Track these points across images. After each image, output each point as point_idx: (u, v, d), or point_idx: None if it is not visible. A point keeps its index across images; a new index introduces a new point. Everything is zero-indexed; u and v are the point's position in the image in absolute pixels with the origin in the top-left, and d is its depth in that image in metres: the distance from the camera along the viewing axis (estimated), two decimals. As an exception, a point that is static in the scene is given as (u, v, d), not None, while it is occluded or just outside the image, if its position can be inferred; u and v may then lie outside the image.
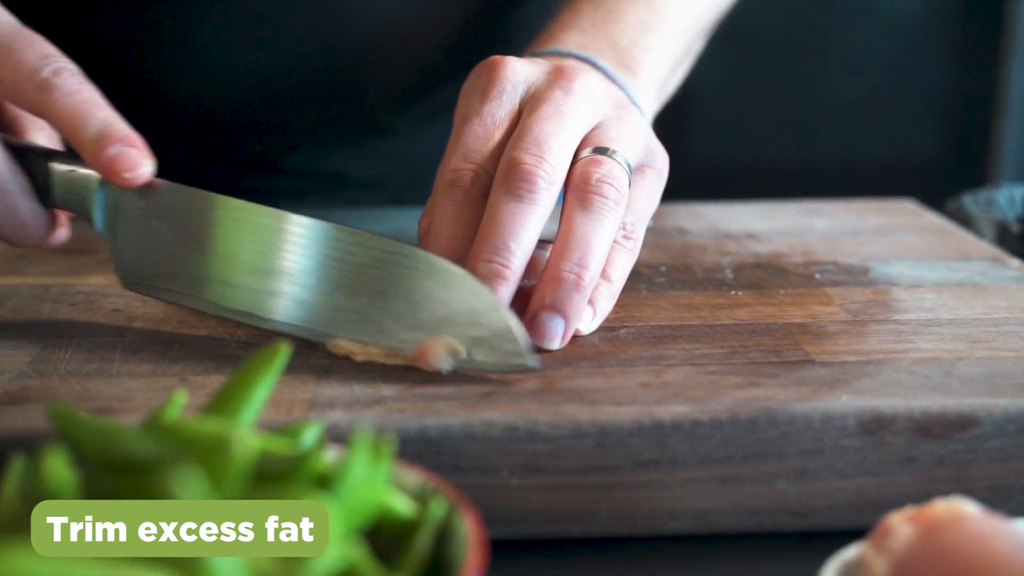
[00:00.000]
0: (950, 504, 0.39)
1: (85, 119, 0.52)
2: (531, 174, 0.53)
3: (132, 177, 0.52)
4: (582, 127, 0.56)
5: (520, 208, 0.53)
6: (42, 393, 0.48)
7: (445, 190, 0.55)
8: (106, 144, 0.52)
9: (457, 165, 0.55)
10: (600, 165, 0.55)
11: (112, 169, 0.52)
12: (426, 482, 0.36)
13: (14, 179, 0.54)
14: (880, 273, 0.65)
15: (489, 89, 0.57)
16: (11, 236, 0.55)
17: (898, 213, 0.80)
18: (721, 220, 0.78)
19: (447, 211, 0.55)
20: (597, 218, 0.54)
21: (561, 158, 0.54)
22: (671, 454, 0.45)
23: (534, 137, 0.54)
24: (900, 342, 0.53)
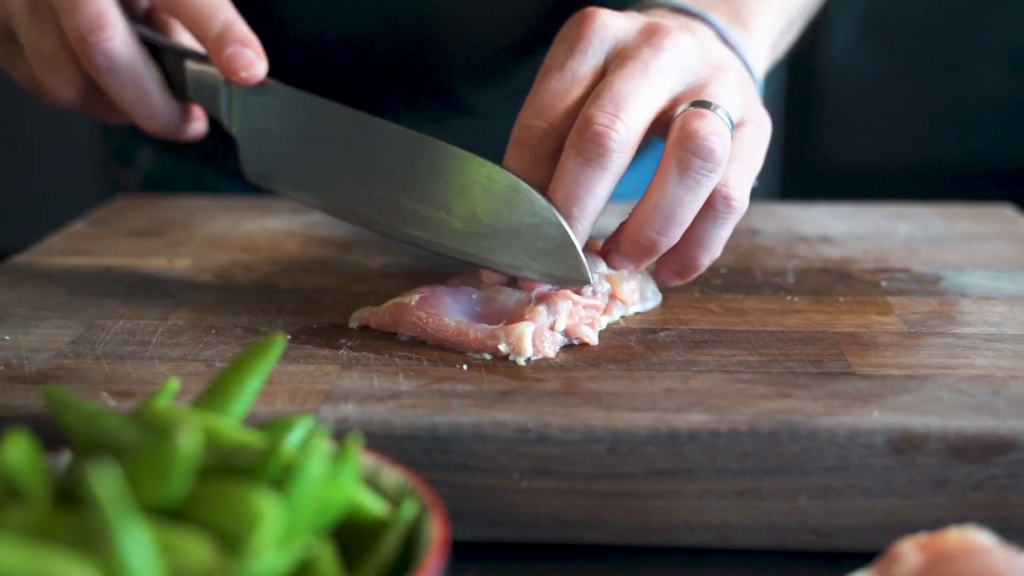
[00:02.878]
0: (964, 534, 0.37)
1: (209, 20, 0.57)
2: (603, 136, 0.50)
3: (247, 76, 0.57)
4: (668, 88, 0.53)
5: (587, 172, 0.51)
6: (72, 373, 0.49)
7: (514, 146, 0.54)
8: (225, 44, 0.57)
9: (529, 121, 0.53)
10: (703, 119, 0.51)
11: (230, 67, 0.57)
12: (405, 482, 0.36)
13: (146, 70, 0.60)
14: (953, 283, 0.62)
15: (576, 42, 0.55)
16: (145, 124, 0.61)
17: (990, 219, 0.76)
18: (797, 222, 0.75)
19: (513, 168, 0.53)
20: (692, 184, 0.51)
21: (639, 119, 0.51)
22: (687, 464, 0.44)
23: (613, 94, 0.51)
24: (953, 357, 0.50)
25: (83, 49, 0.58)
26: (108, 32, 0.57)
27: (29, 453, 0.32)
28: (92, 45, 0.58)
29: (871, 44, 2.19)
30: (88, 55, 0.58)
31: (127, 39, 0.58)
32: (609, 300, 0.55)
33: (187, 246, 0.69)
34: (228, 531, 0.29)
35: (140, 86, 0.59)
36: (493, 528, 0.45)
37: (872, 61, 2.19)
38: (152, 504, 0.30)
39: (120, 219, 0.76)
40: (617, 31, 0.55)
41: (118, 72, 0.59)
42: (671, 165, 0.51)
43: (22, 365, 0.50)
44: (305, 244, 0.70)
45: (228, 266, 0.65)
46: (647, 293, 0.57)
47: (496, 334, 0.50)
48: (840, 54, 2.18)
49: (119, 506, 0.26)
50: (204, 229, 0.73)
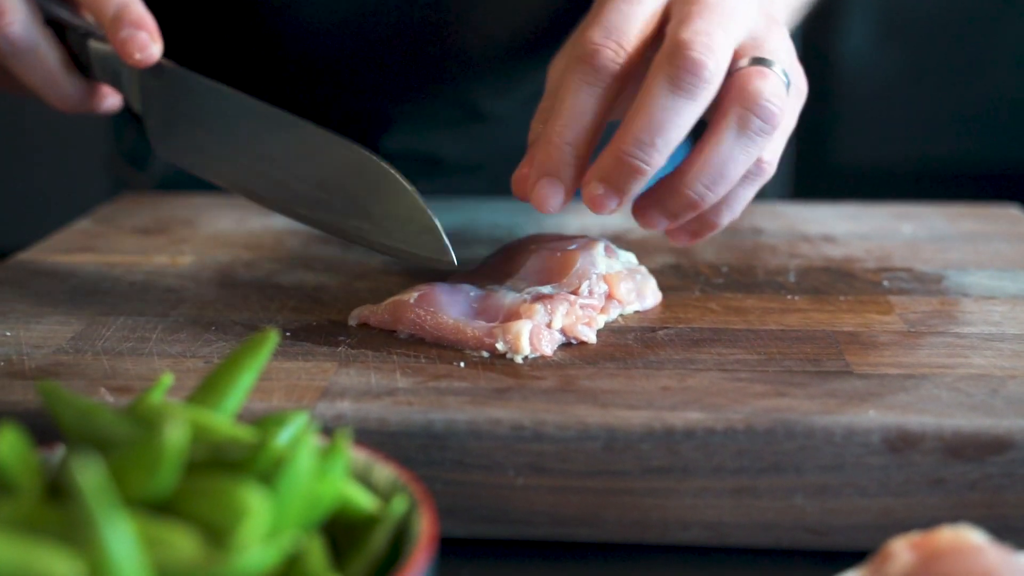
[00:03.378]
0: (956, 532, 0.36)
1: (105, 1, 0.57)
2: (699, 65, 0.48)
3: (141, 58, 0.57)
4: (742, 28, 0.52)
5: (677, 102, 0.49)
6: (72, 369, 0.49)
7: (579, 65, 0.51)
8: (120, 26, 0.57)
9: (598, 40, 0.51)
10: (767, 79, 0.50)
11: (124, 50, 0.57)
12: (397, 477, 0.36)
13: (50, 52, 0.60)
14: (955, 282, 0.61)
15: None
16: (55, 103, 0.62)
17: (995, 219, 0.76)
18: (801, 221, 0.75)
19: (577, 88, 0.51)
20: (748, 143, 0.50)
21: (726, 55, 0.50)
22: (682, 462, 0.44)
23: (704, 23, 0.49)
24: (952, 356, 0.50)
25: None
26: (8, 18, 0.58)
27: (20, 447, 0.32)
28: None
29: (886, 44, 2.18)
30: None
31: (28, 23, 0.59)
32: (606, 300, 0.55)
33: (191, 243, 0.70)
34: (215, 525, 0.30)
35: (45, 68, 0.60)
36: (489, 525, 0.45)
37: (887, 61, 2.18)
38: (141, 497, 0.30)
39: (125, 216, 0.77)
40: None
41: (22, 55, 0.60)
42: (731, 121, 0.49)
43: (22, 361, 0.50)
44: (308, 242, 0.70)
45: (230, 263, 0.65)
46: (646, 292, 0.57)
47: (494, 332, 0.50)
48: (855, 53, 2.17)
49: (102, 498, 0.26)
50: (208, 227, 0.74)
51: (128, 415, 0.36)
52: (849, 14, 2.16)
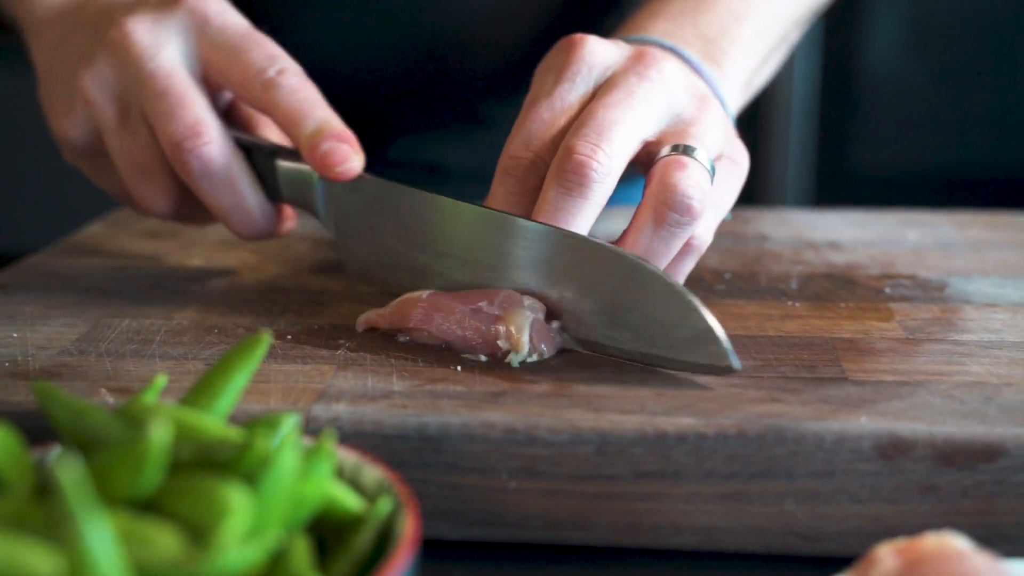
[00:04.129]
0: (940, 539, 0.37)
1: (304, 116, 0.56)
2: (584, 166, 0.50)
3: (342, 171, 0.56)
4: (654, 117, 0.53)
5: (568, 203, 0.50)
6: (74, 371, 0.50)
7: (501, 177, 0.53)
8: (321, 140, 0.56)
9: (516, 152, 0.53)
10: (684, 170, 0.50)
11: (324, 163, 0.56)
12: (384, 479, 0.36)
13: (241, 174, 0.58)
14: (958, 289, 0.61)
15: (564, 69, 0.54)
16: (240, 228, 0.60)
17: (1003, 227, 0.76)
18: (807, 228, 0.75)
19: (499, 199, 0.53)
20: (668, 236, 0.51)
21: (622, 149, 0.51)
22: (674, 467, 0.44)
23: (596, 123, 0.51)
24: (949, 363, 0.50)
25: (179, 156, 0.56)
26: (204, 138, 0.56)
27: (12, 446, 0.32)
28: (188, 151, 0.56)
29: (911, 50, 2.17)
30: (184, 162, 0.57)
31: (223, 144, 0.57)
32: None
33: (199, 247, 0.70)
34: (198, 523, 0.30)
35: (236, 191, 0.58)
36: (482, 528, 0.45)
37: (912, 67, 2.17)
38: (126, 496, 0.31)
39: (137, 220, 0.78)
40: (606, 58, 0.55)
41: (214, 178, 0.57)
42: (648, 217, 0.50)
43: (26, 362, 0.51)
44: (315, 247, 0.70)
45: (237, 267, 0.66)
46: None
47: (496, 327, 0.51)
48: (879, 59, 2.16)
49: (82, 496, 0.26)
50: (218, 231, 0.74)
51: (120, 416, 0.36)
52: (874, 21, 2.15)
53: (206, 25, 0.58)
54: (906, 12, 2.17)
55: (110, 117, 0.59)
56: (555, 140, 0.53)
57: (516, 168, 0.53)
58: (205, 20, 0.58)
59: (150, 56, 0.57)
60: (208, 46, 0.58)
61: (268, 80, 0.57)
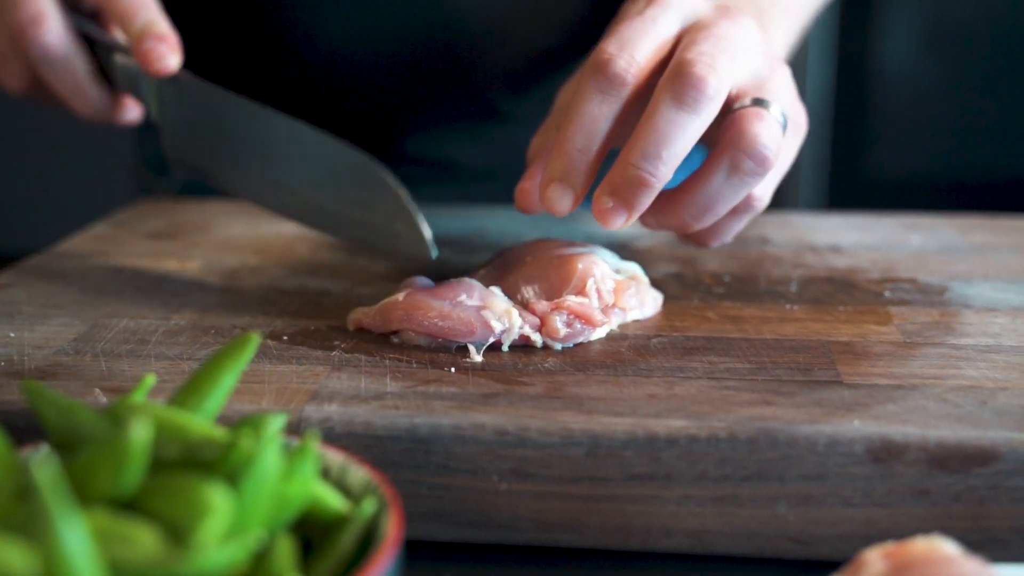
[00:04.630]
0: (929, 543, 0.36)
1: (133, 16, 0.63)
2: (702, 81, 0.50)
3: (160, 67, 0.61)
4: (744, 63, 0.53)
5: (681, 117, 0.50)
6: (69, 370, 0.50)
7: (593, 74, 0.52)
8: (144, 39, 0.61)
9: (612, 50, 0.52)
10: (763, 121, 0.51)
11: (145, 59, 0.61)
12: (370, 479, 0.36)
13: (79, 63, 0.65)
14: (958, 293, 0.61)
15: (655, 1, 0.55)
16: (81, 110, 0.67)
17: (1007, 231, 0.75)
18: (809, 231, 0.75)
19: (591, 97, 0.52)
20: (738, 183, 0.52)
21: (729, 78, 0.51)
22: (665, 469, 0.44)
23: (709, 46, 0.51)
24: (945, 367, 0.50)
25: (22, 42, 0.64)
26: (44, 27, 0.63)
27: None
28: (30, 39, 0.63)
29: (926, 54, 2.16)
30: (26, 48, 0.64)
31: (62, 33, 0.64)
32: (610, 307, 0.55)
33: (200, 248, 0.71)
34: (178, 522, 0.30)
35: (74, 77, 0.65)
36: (473, 529, 0.45)
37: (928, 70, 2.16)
38: (107, 495, 0.31)
39: (140, 221, 0.78)
40: (694, 3, 0.55)
41: (54, 64, 0.64)
42: (723, 160, 0.51)
43: (22, 361, 0.51)
44: (315, 248, 0.71)
45: (237, 268, 0.66)
46: (646, 300, 0.58)
47: (484, 313, 0.51)
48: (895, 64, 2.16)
49: (57, 494, 0.26)
50: (219, 232, 0.75)
51: (107, 415, 0.36)
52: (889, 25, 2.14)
53: None
54: (921, 16, 2.16)
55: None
56: (649, 51, 0.53)
57: (612, 66, 0.52)
58: None
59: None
60: None
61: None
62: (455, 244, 0.72)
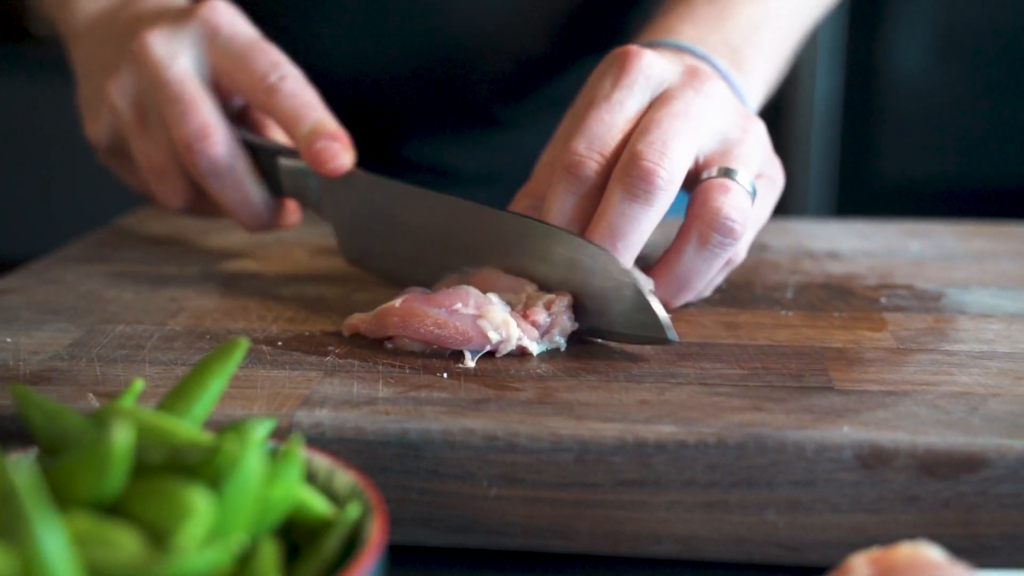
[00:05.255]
0: (914, 548, 0.36)
1: (301, 118, 0.61)
2: (651, 173, 0.51)
3: (335, 167, 0.61)
4: (708, 134, 0.54)
5: (633, 209, 0.52)
6: (64, 375, 0.50)
7: (564, 175, 0.54)
8: (316, 139, 0.61)
9: (581, 151, 0.54)
10: (728, 194, 0.53)
11: (318, 160, 0.60)
12: (356, 484, 0.36)
13: (246, 172, 0.64)
14: (954, 300, 0.61)
15: (622, 76, 0.56)
16: (246, 221, 0.66)
17: (1006, 237, 0.75)
18: (808, 237, 0.75)
19: (562, 197, 0.54)
20: (710, 256, 0.53)
21: (683, 161, 0.52)
22: (654, 475, 0.44)
23: (661, 132, 0.52)
24: (937, 374, 0.50)
25: (189, 156, 0.62)
26: (212, 139, 0.62)
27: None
28: (197, 152, 0.62)
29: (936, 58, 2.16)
30: (194, 161, 0.62)
31: (229, 144, 0.63)
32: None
33: (200, 254, 0.71)
34: (160, 526, 0.30)
35: (241, 187, 0.64)
36: (462, 535, 0.45)
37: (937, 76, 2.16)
38: (90, 498, 0.31)
39: (141, 227, 0.78)
40: (661, 71, 0.56)
41: (221, 175, 0.63)
42: (691, 237, 0.53)
43: (18, 366, 0.51)
44: (314, 255, 0.71)
45: (235, 274, 0.66)
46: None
47: (481, 323, 0.51)
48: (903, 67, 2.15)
49: (35, 497, 0.26)
50: (219, 238, 0.75)
51: (94, 419, 0.37)
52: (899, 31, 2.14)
53: (216, 35, 0.64)
54: (930, 22, 2.16)
55: (131, 122, 0.65)
56: (618, 143, 0.54)
57: (581, 168, 0.54)
58: (216, 31, 0.64)
59: (166, 66, 0.62)
60: (218, 54, 0.63)
61: (271, 86, 0.62)
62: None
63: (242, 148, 0.64)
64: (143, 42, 0.63)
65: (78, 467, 0.31)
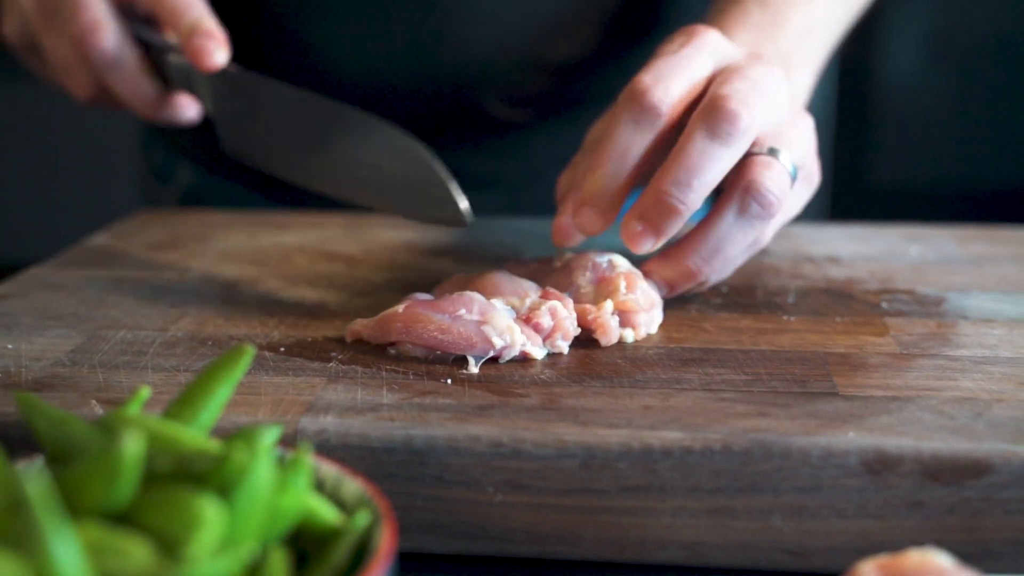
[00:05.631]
0: (923, 555, 0.36)
1: (181, 16, 0.67)
2: (736, 115, 0.52)
3: (209, 63, 0.66)
4: (770, 109, 0.55)
5: (713, 148, 0.53)
6: (66, 382, 0.50)
7: (628, 103, 0.55)
8: (193, 36, 0.66)
9: (648, 81, 0.55)
10: (772, 170, 0.54)
11: (195, 56, 0.66)
12: (364, 492, 0.36)
13: (137, 66, 0.70)
14: (955, 305, 0.61)
15: (691, 40, 0.57)
16: (144, 112, 0.71)
17: (1006, 241, 0.75)
18: (807, 242, 0.75)
19: (624, 126, 0.55)
20: (746, 226, 0.54)
21: (760, 116, 0.54)
22: (660, 481, 0.44)
23: (743, 84, 0.54)
24: (941, 379, 0.50)
25: (82, 49, 0.68)
26: (101, 33, 0.68)
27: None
28: (89, 45, 0.68)
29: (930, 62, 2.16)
30: (86, 54, 0.68)
31: (119, 39, 0.68)
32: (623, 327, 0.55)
33: (200, 259, 0.71)
34: (170, 535, 0.30)
35: (133, 79, 0.70)
36: (468, 541, 0.45)
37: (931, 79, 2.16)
38: (100, 507, 0.31)
39: (141, 232, 0.78)
40: (727, 48, 0.58)
41: (113, 68, 0.69)
42: (732, 204, 0.54)
43: (19, 373, 0.51)
44: (314, 259, 0.71)
45: (236, 279, 0.66)
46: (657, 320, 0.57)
47: (485, 328, 0.51)
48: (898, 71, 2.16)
49: (48, 507, 0.26)
50: (219, 243, 0.75)
51: (100, 427, 0.37)
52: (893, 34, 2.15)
53: None
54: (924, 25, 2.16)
55: (38, 20, 0.71)
56: (683, 87, 0.55)
57: (644, 95, 0.54)
58: None
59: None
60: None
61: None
62: (454, 253, 0.72)
63: (134, 43, 0.69)
64: None
65: (87, 476, 0.31)
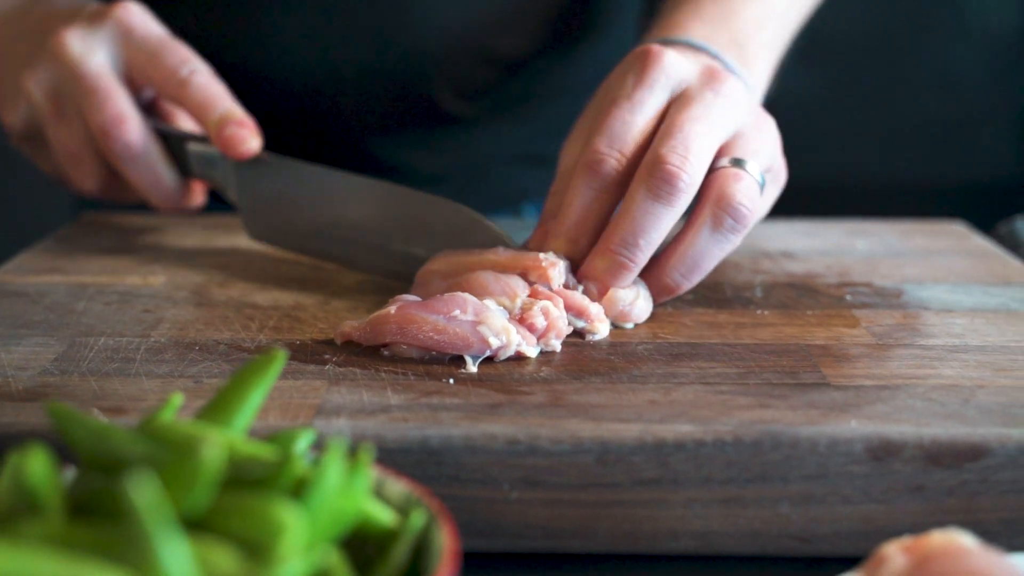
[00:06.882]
0: (947, 536, 0.38)
1: (211, 107, 0.67)
2: (674, 176, 0.54)
3: (243, 150, 0.66)
4: (725, 133, 0.57)
5: (656, 208, 0.54)
6: (60, 391, 0.49)
7: (585, 171, 0.56)
8: (225, 126, 0.66)
9: (603, 149, 0.56)
10: (740, 182, 0.56)
11: (228, 144, 0.66)
12: (411, 492, 0.37)
13: (158, 157, 0.70)
14: (914, 296, 0.64)
15: (644, 75, 0.58)
16: (158, 201, 0.72)
17: (944, 235, 0.78)
18: (760, 238, 0.77)
19: (582, 194, 0.56)
20: (721, 240, 0.56)
21: (703, 163, 0.55)
22: (673, 473, 0.45)
23: (683, 136, 0.55)
24: (921, 367, 0.52)
25: (105, 141, 0.68)
26: (127, 126, 0.68)
27: (47, 467, 0.32)
28: (113, 137, 0.68)
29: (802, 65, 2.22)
30: (109, 146, 0.68)
31: (141, 130, 0.68)
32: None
33: (160, 263, 0.70)
34: (251, 541, 0.30)
35: (153, 170, 0.69)
36: (484, 539, 0.46)
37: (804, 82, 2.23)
38: (176, 516, 0.31)
39: (88, 236, 0.76)
40: (681, 70, 0.58)
41: (134, 159, 0.69)
42: (706, 219, 0.56)
43: (8, 383, 0.50)
44: (277, 261, 0.70)
45: (204, 283, 0.65)
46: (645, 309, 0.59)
47: (481, 328, 0.52)
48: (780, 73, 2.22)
49: (157, 517, 0.26)
50: (175, 245, 0.74)
51: (141, 435, 0.36)
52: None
53: (131, 34, 0.69)
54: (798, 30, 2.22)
55: (48, 111, 0.70)
56: (638, 143, 0.57)
57: (602, 166, 0.56)
58: (130, 30, 0.69)
59: (83, 61, 0.68)
60: (133, 52, 0.69)
61: (182, 79, 0.68)
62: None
63: (154, 135, 0.69)
64: (60, 39, 0.68)
65: (163, 485, 0.30)
